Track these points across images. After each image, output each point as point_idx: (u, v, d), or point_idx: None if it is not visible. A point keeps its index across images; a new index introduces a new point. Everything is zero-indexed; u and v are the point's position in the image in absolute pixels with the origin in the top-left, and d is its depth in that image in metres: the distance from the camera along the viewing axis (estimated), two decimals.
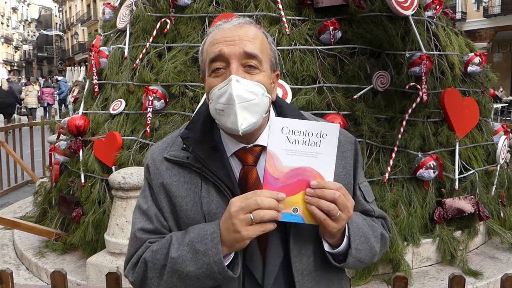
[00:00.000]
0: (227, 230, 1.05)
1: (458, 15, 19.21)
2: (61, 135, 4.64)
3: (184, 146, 1.18)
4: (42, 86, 19.09)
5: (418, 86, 3.77)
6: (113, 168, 3.76)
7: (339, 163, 1.22)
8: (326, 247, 1.15)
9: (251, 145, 1.18)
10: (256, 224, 1.03)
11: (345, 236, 1.15)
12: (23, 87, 18.02)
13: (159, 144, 1.28)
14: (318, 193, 1.05)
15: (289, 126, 1.07)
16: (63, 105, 18.59)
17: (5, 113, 14.66)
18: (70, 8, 52.86)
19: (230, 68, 1.11)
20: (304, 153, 1.07)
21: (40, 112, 17.50)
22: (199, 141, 1.18)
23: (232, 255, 1.10)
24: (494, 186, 4.21)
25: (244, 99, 1.09)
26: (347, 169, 1.24)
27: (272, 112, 1.24)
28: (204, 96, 3.73)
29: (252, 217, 1.01)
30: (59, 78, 23.50)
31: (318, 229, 1.13)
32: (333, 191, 1.05)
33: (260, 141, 1.19)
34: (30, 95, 17.32)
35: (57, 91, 19.73)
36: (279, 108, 1.26)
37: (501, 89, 18.77)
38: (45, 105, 17.98)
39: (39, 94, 17.99)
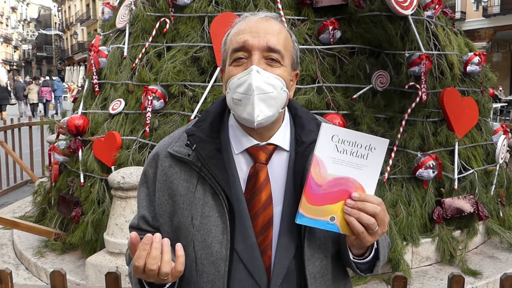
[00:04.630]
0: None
1: (458, 15, 19.22)
2: (61, 134, 4.64)
3: (188, 142, 1.17)
4: (41, 85, 21.78)
5: (418, 86, 3.77)
6: (113, 168, 3.75)
7: None
8: (351, 255, 1.15)
9: (265, 142, 1.17)
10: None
11: (374, 248, 1.15)
12: (26, 86, 21.51)
13: (166, 138, 1.28)
14: (359, 205, 1.05)
15: (340, 135, 1.06)
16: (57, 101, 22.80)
17: (1, 104, 19.51)
18: (69, 7, 52.81)
19: (251, 58, 1.11)
20: (350, 163, 1.07)
21: (40, 107, 21.35)
22: (204, 140, 1.17)
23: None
24: (494, 185, 4.21)
25: (262, 90, 1.09)
26: None
27: (287, 114, 1.23)
28: (204, 96, 3.72)
29: (162, 275, 1.02)
30: (54, 78, 27.07)
31: (333, 234, 1.13)
32: (375, 205, 1.05)
33: (274, 139, 1.18)
34: (32, 92, 20.81)
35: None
36: (294, 110, 1.26)
37: (500, 88, 18.78)
38: (44, 101, 21.17)
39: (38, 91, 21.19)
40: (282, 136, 1.20)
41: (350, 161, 1.07)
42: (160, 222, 1.22)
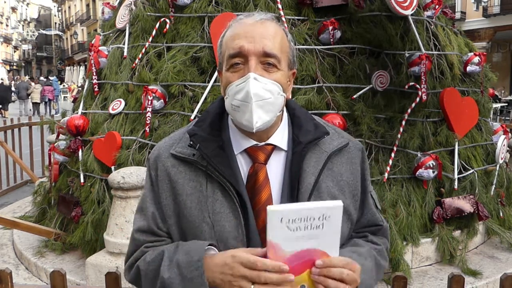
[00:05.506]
0: (222, 280, 1.05)
1: (458, 15, 19.21)
2: (61, 134, 4.64)
3: (191, 143, 1.17)
4: (44, 84, 23.11)
5: (418, 86, 3.77)
6: (113, 168, 3.75)
7: (347, 169, 1.23)
8: None
9: (263, 143, 1.18)
10: None
11: None
12: (30, 86, 22.74)
13: (166, 140, 1.28)
14: (324, 272, 1.03)
15: (288, 215, 1.00)
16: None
17: (4, 102, 21.25)
18: (69, 7, 52.80)
19: (248, 65, 1.11)
20: (307, 236, 1.03)
21: (42, 106, 22.45)
22: (206, 139, 1.18)
23: None
24: (494, 185, 4.21)
25: (260, 97, 1.09)
26: (354, 175, 1.25)
27: (285, 114, 1.24)
28: (204, 96, 3.74)
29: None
30: (51, 77, 28.68)
31: None
32: (340, 269, 1.04)
33: (272, 140, 1.19)
34: (35, 92, 21.93)
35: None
36: (292, 110, 1.27)
37: (503, 90, 18.77)
38: (46, 100, 22.50)
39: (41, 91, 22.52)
40: (281, 136, 1.21)
41: (305, 235, 1.02)
42: (169, 223, 1.21)
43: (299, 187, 1.16)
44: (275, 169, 1.18)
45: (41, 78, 27.82)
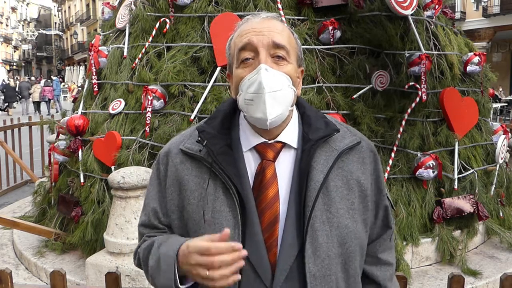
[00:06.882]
0: (186, 270, 1.08)
1: (457, 15, 19.19)
2: (60, 134, 4.64)
3: (199, 139, 1.19)
4: (43, 85, 23.96)
5: (418, 86, 3.77)
6: (113, 167, 3.76)
7: (357, 167, 1.22)
8: None
9: (273, 140, 1.19)
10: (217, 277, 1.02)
11: None
12: (31, 86, 24.03)
13: (177, 136, 1.31)
14: None
15: None
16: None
17: (10, 101, 23.45)
18: (69, 7, 52.79)
19: (259, 57, 1.12)
20: None
21: (43, 105, 23.37)
22: (215, 136, 1.19)
23: None
24: (493, 185, 4.21)
25: (272, 88, 1.10)
26: (365, 175, 1.23)
27: (295, 112, 1.24)
28: (204, 96, 3.74)
29: (208, 274, 1.02)
30: (54, 78, 29.75)
31: (338, 233, 1.15)
32: None
33: (282, 137, 1.19)
34: (36, 91, 23.19)
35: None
36: (302, 108, 1.27)
37: (501, 89, 18.77)
38: (46, 99, 23.49)
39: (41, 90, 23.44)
40: (290, 134, 1.21)
41: None
42: (172, 218, 1.24)
43: (307, 185, 1.14)
44: (284, 167, 1.18)
45: (33, 78, 28.40)
